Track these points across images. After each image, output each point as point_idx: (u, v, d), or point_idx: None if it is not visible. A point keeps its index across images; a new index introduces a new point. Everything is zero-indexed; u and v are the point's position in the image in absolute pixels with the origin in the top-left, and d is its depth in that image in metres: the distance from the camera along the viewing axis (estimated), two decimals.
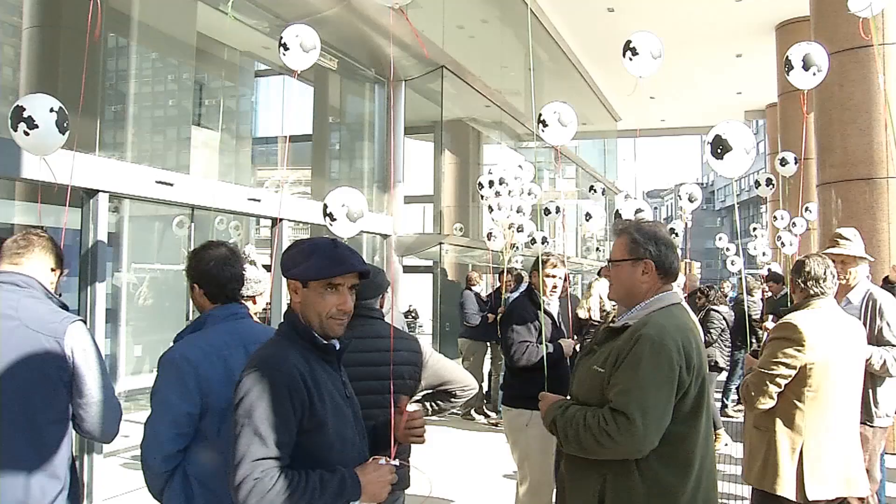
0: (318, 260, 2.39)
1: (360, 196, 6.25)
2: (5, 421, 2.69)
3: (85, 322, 2.97)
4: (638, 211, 7.05)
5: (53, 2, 9.59)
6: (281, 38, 5.96)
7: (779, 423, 4.04)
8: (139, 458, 2.93)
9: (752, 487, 4.26)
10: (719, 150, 4.78)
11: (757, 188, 11.71)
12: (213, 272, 3.08)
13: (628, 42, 5.73)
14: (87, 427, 2.90)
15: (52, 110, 4.70)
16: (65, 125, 4.80)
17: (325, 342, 2.44)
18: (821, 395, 3.97)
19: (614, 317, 3.23)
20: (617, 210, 7.42)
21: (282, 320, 2.51)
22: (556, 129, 5.73)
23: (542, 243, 10.23)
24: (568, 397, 3.17)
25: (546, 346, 5.12)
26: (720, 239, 20.33)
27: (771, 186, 11.34)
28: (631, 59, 5.72)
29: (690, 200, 9.71)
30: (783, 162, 10.32)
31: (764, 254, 16.73)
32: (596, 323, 7.44)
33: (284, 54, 5.95)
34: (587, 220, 10.32)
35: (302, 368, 2.31)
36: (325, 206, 5.96)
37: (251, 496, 2.13)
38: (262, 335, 2.87)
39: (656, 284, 3.07)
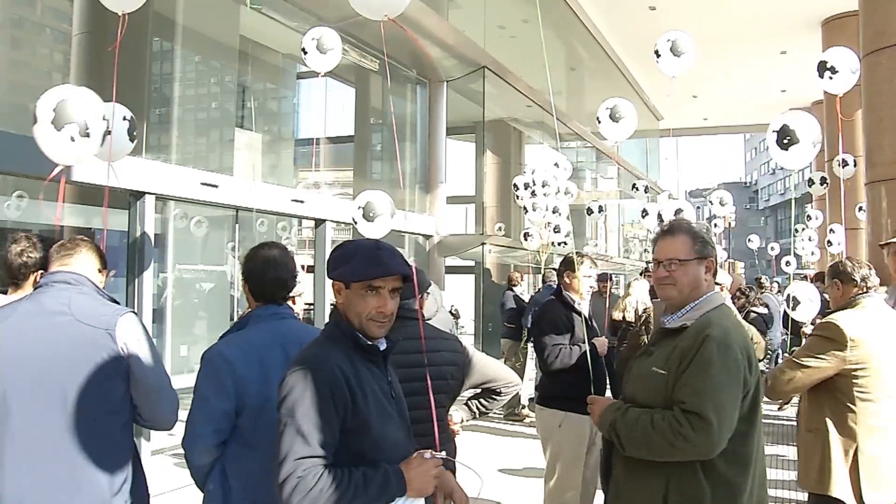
0: (358, 262, 2.41)
1: (385, 196, 6.32)
2: (65, 414, 2.73)
3: (136, 314, 3.01)
4: (678, 211, 6.98)
5: (101, 9, 9.71)
6: (302, 43, 6.04)
7: (831, 425, 3.98)
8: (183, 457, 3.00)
9: (809, 493, 4.19)
10: (786, 141, 4.70)
11: (810, 186, 11.53)
12: (258, 272, 3.13)
13: (655, 47, 5.69)
14: (147, 415, 2.96)
15: (124, 118, 4.63)
16: (134, 133, 4.76)
17: (370, 342, 2.44)
18: (873, 395, 3.90)
19: (664, 318, 3.18)
20: (659, 212, 7.36)
21: (327, 321, 2.52)
22: (610, 124, 5.74)
23: (584, 244, 10.18)
24: (611, 398, 3.15)
25: (582, 347, 5.09)
26: (749, 241, 20.09)
27: (825, 185, 11.16)
28: (657, 59, 5.70)
29: (722, 204, 9.60)
30: (843, 163, 10.05)
31: (812, 253, 16.46)
32: (631, 325, 7.32)
33: (305, 58, 6.03)
34: (643, 217, 10.27)
35: (345, 368, 2.32)
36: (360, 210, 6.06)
37: (294, 494, 2.14)
38: (305, 335, 2.92)
39: (712, 283, 3.10)
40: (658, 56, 5.77)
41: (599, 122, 5.98)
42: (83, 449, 2.75)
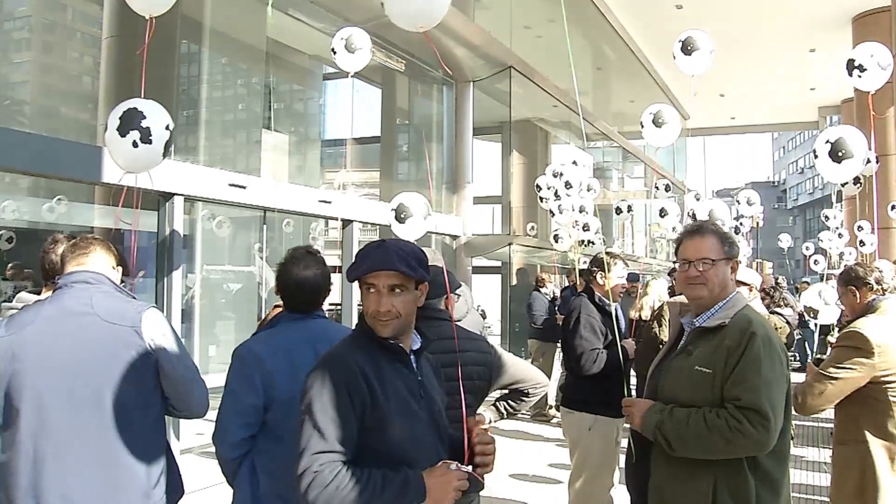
0: (354, 261, 2.44)
1: (419, 198, 6.34)
2: (100, 412, 2.78)
3: (158, 308, 3.05)
4: (710, 212, 6.94)
5: (130, 12, 9.80)
6: (331, 43, 6.10)
7: (869, 435, 3.92)
8: (214, 455, 3.04)
9: None
10: (840, 154, 4.67)
11: (843, 186, 11.40)
12: (290, 292, 3.21)
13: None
14: (180, 406, 3.01)
15: (167, 128, 4.54)
16: (170, 148, 4.73)
17: (392, 342, 2.43)
18: None
19: (689, 318, 3.17)
20: (692, 210, 7.30)
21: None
22: (653, 130, 5.77)
23: (610, 245, 10.13)
24: (648, 400, 3.14)
25: (613, 349, 5.01)
26: (780, 240, 19.89)
27: (858, 185, 11.03)
28: (675, 60, 5.71)
29: (749, 204, 9.51)
30: (877, 160, 9.92)
31: (841, 255, 16.25)
32: (644, 323, 7.21)
33: (335, 58, 6.07)
34: (661, 217, 10.19)
35: (366, 367, 2.33)
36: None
37: (311, 488, 2.16)
38: (334, 334, 2.97)
39: (734, 283, 3.15)
40: (675, 58, 5.77)
41: (643, 126, 5.99)
42: (120, 444, 2.80)
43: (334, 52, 6.10)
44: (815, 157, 4.91)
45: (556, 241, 10.49)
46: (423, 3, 3.74)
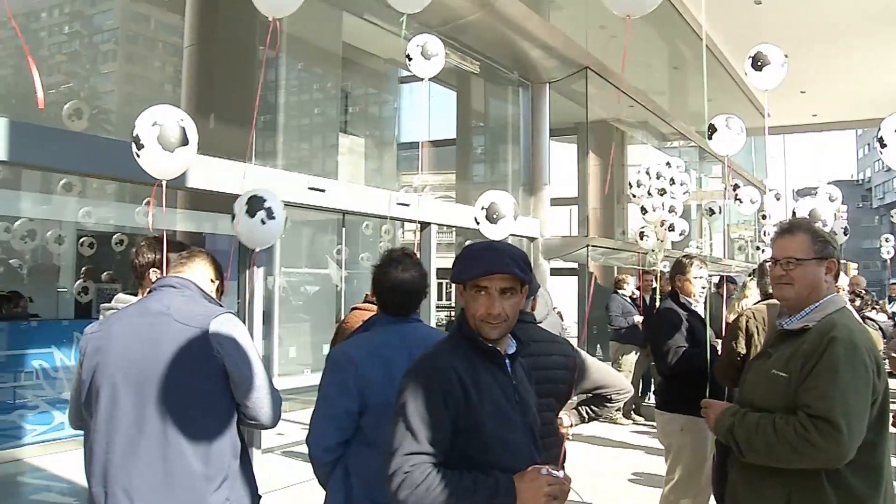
0: (463, 263, 2.42)
1: (509, 198, 6.32)
2: (163, 411, 2.81)
3: (236, 315, 3.08)
4: (812, 211, 6.75)
5: (210, 22, 10.04)
6: (406, 49, 6.15)
7: None
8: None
9: None
10: None
11: None
12: (387, 294, 3.20)
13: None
14: (250, 413, 2.98)
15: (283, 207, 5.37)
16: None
17: (489, 345, 2.40)
18: None
19: (781, 320, 3.05)
20: (793, 210, 7.13)
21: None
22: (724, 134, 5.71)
23: (687, 245, 9.98)
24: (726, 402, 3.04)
25: (702, 349, 4.95)
26: (887, 241, 19.23)
27: None
28: (745, 74, 5.62)
29: (831, 200, 9.23)
30: None
31: None
32: None
33: (410, 64, 6.11)
34: (710, 215, 9.99)
35: (461, 369, 2.31)
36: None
37: (401, 489, 2.16)
38: (429, 337, 2.96)
39: (833, 285, 2.98)
40: (745, 74, 5.67)
41: (712, 133, 5.94)
42: (180, 445, 2.81)
43: (410, 59, 6.15)
44: (883, 145, 4.76)
45: (642, 239, 10.36)
46: None
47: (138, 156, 4.23)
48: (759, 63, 5.61)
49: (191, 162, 4.48)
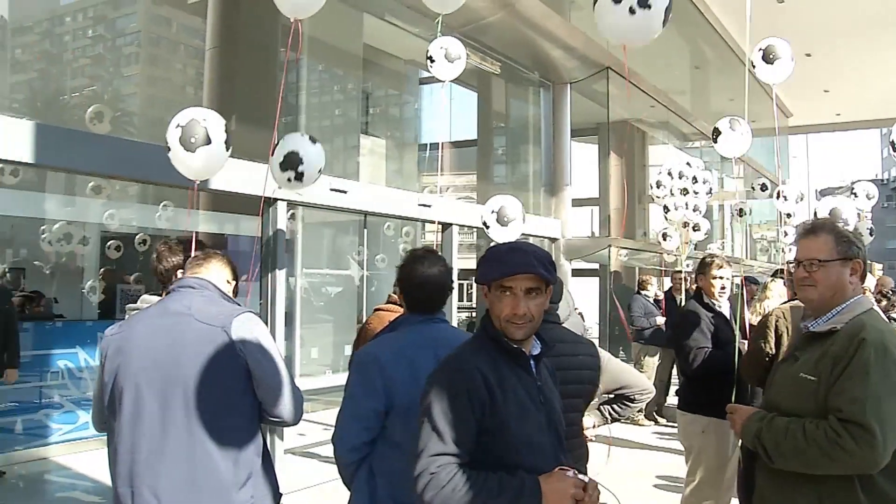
0: (487, 263, 2.41)
1: (516, 201, 6.36)
2: (187, 410, 2.82)
3: (257, 315, 3.09)
4: (833, 210, 6.69)
5: (232, 24, 10.10)
6: (427, 51, 6.12)
7: None
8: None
9: None
10: None
11: None
12: (414, 289, 3.19)
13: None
14: (273, 411, 3.00)
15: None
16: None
17: (514, 345, 2.40)
18: None
19: (806, 322, 3.00)
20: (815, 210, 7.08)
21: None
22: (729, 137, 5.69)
23: (720, 246, 9.92)
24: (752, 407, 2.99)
25: (726, 350, 4.93)
26: None
27: None
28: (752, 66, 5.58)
29: (868, 198, 9.13)
30: None
31: None
32: None
33: (431, 66, 6.11)
34: (741, 216, 9.92)
35: (486, 370, 2.31)
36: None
37: (427, 489, 2.16)
38: (455, 339, 2.95)
39: (858, 286, 2.89)
40: (753, 66, 5.61)
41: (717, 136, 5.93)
42: (205, 443, 2.83)
43: (432, 61, 6.13)
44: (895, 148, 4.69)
45: (665, 240, 10.31)
46: None
47: (183, 155, 4.38)
48: (771, 57, 5.55)
49: (224, 162, 4.56)
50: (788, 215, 8.03)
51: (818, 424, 2.63)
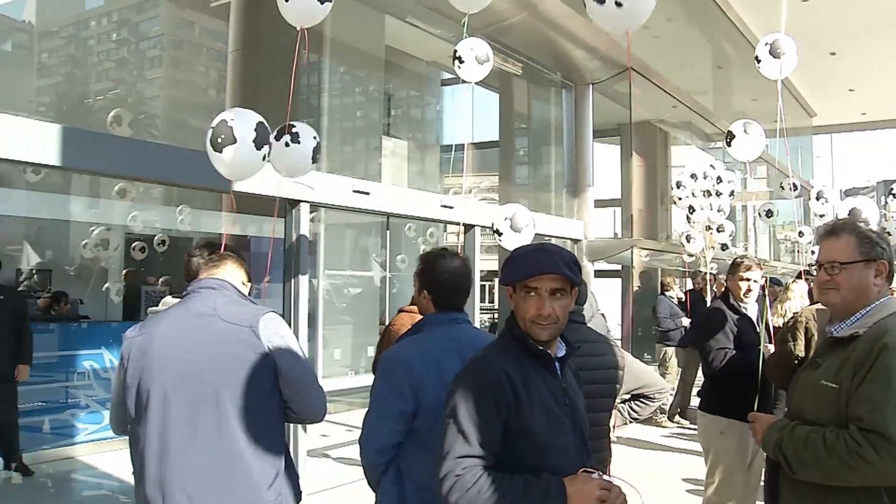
0: (512, 264, 2.41)
1: (525, 209, 6.40)
2: (217, 410, 2.84)
3: (278, 313, 3.11)
4: (852, 210, 6.64)
5: (254, 27, 10.15)
6: (456, 51, 6.08)
7: None
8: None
9: None
10: None
11: None
12: (442, 283, 3.18)
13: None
14: (298, 409, 3.02)
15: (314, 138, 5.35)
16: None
17: (539, 347, 2.39)
18: None
19: (830, 327, 2.93)
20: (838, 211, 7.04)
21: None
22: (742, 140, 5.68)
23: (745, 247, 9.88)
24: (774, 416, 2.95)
25: (749, 352, 4.92)
26: None
27: None
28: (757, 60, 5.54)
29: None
30: None
31: None
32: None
33: (460, 67, 6.09)
34: (768, 217, 9.87)
35: (511, 372, 2.31)
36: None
37: (452, 492, 2.16)
38: (478, 340, 2.96)
39: (885, 288, 2.79)
40: (759, 61, 5.56)
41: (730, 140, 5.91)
42: (234, 443, 2.84)
43: (461, 62, 6.08)
44: None
45: (688, 242, 10.26)
46: None
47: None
48: (778, 52, 5.52)
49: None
50: (821, 216, 7.95)
51: (839, 434, 2.54)
